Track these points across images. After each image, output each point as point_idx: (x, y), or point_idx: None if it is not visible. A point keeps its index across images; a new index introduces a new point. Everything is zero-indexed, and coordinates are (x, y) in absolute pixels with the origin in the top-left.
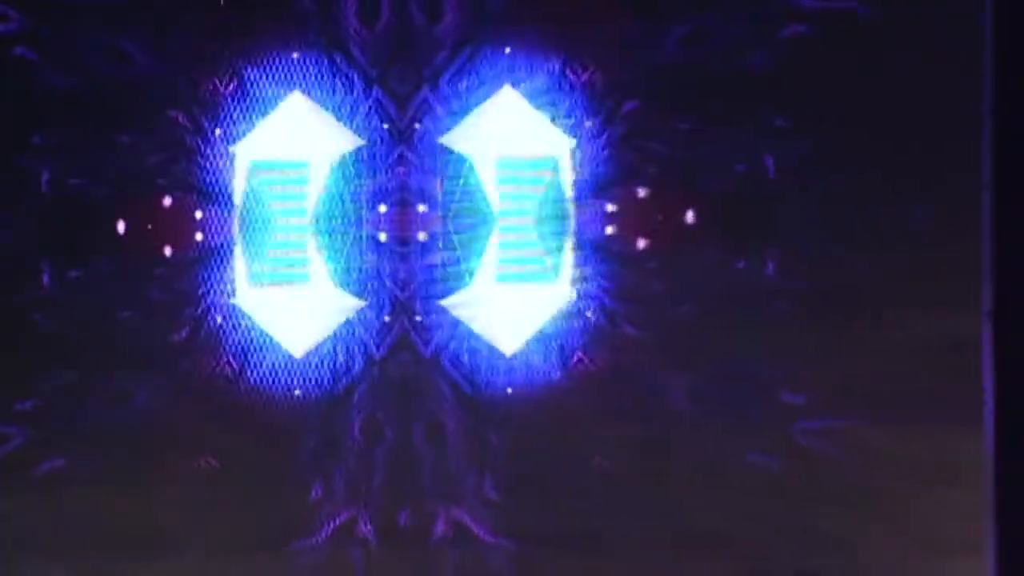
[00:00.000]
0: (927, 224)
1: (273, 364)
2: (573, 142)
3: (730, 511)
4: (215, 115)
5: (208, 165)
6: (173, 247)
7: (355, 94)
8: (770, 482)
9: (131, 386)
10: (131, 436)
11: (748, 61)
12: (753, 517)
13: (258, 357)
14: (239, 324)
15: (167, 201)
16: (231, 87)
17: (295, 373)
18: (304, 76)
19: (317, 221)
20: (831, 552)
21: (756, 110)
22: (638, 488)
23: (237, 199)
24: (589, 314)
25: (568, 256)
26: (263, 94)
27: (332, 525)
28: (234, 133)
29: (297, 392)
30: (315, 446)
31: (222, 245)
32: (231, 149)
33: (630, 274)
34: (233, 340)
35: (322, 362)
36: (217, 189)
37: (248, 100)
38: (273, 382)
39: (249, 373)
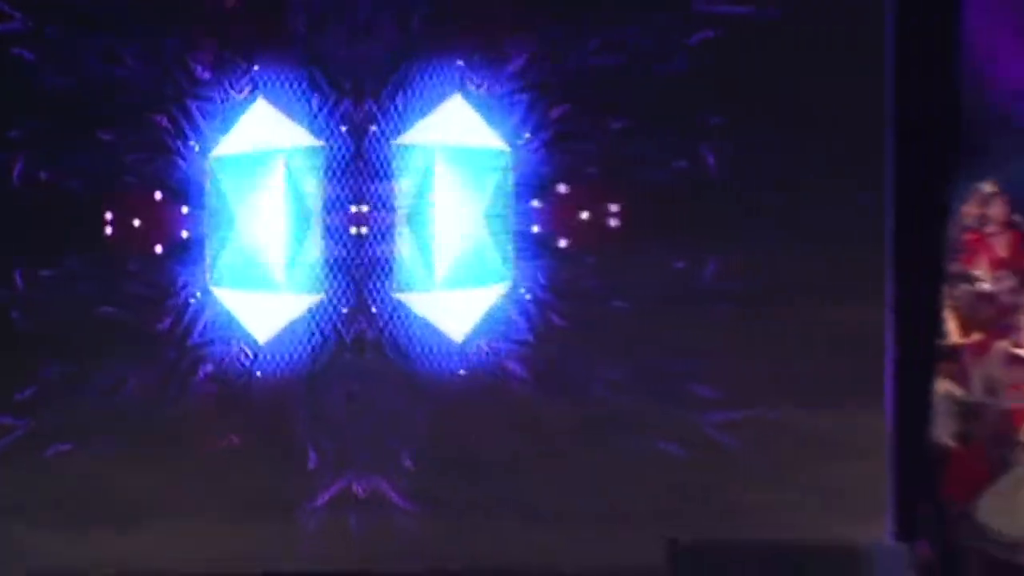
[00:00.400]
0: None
1: (240, 349)
2: (513, 146)
3: (645, 488)
4: (189, 120)
5: (181, 165)
6: (152, 242)
7: (316, 100)
8: (685, 461)
9: (121, 373)
10: (118, 417)
11: (663, 66)
12: (668, 491)
13: (227, 343)
14: (211, 313)
15: (148, 198)
16: (202, 94)
17: (260, 357)
18: (268, 84)
19: (281, 218)
20: (745, 518)
21: (675, 113)
22: (564, 465)
23: (208, 198)
24: (527, 306)
25: (511, 251)
26: (232, 100)
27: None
28: (205, 137)
29: (259, 373)
30: (281, 421)
31: (196, 240)
32: (203, 153)
33: (565, 268)
34: (206, 328)
35: (285, 347)
36: (189, 188)
37: (218, 106)
38: (240, 365)
39: (219, 358)
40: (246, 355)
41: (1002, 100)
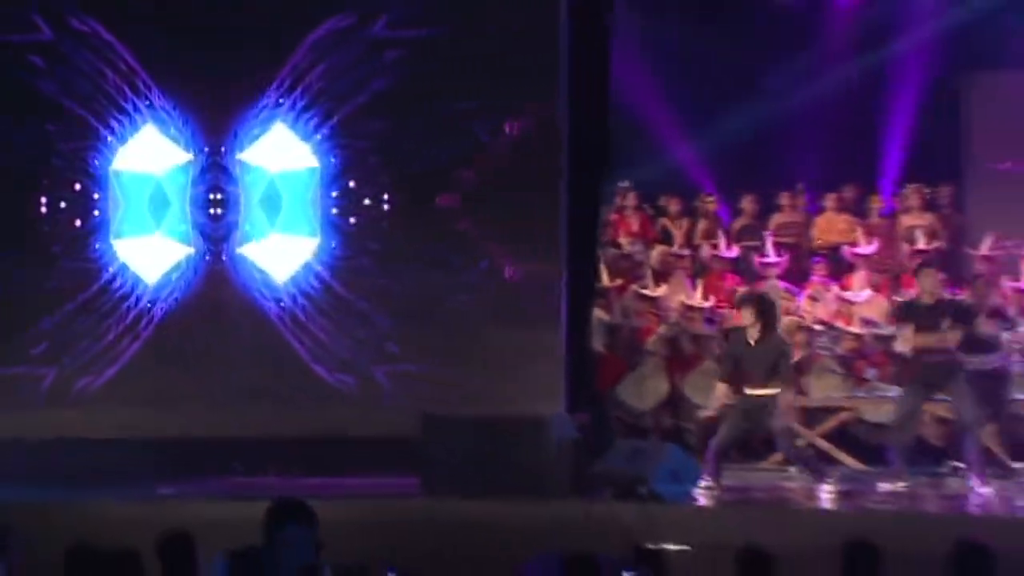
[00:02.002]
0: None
1: (139, 288)
2: (319, 157)
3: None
4: (103, 136)
5: (95, 167)
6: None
7: (186, 126)
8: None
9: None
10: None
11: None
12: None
13: (130, 284)
14: (115, 265)
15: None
16: (113, 119)
17: (152, 292)
18: (155, 115)
19: (164, 201)
20: (475, 403)
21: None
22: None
23: (111, 189)
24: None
25: (316, 228)
26: (132, 125)
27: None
28: (113, 148)
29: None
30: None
31: (104, 219)
32: (112, 163)
33: (349, 242)
34: (113, 274)
35: (169, 278)
36: (100, 182)
37: (121, 128)
38: (139, 300)
39: (127, 295)
40: (142, 291)
41: (635, 122)
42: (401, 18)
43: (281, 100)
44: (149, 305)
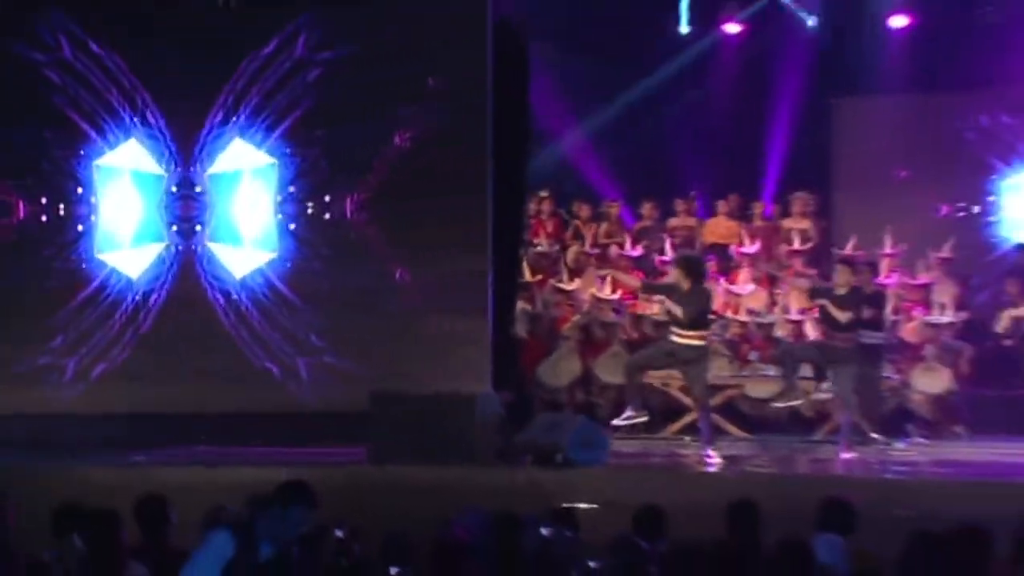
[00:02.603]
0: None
1: (122, 281)
2: (270, 168)
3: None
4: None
5: (82, 174)
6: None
7: (162, 143)
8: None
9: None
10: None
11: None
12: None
13: (114, 279)
14: (100, 261)
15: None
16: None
17: (134, 285)
18: (137, 130)
19: (144, 207)
20: (417, 381)
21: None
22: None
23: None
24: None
25: (269, 232)
26: (116, 139)
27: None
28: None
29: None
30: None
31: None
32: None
33: (301, 244)
34: (100, 271)
35: (147, 274)
36: (87, 189)
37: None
38: (125, 289)
39: (111, 287)
40: (125, 283)
41: (551, 140)
42: (366, 52)
43: (236, 119)
44: (127, 299)
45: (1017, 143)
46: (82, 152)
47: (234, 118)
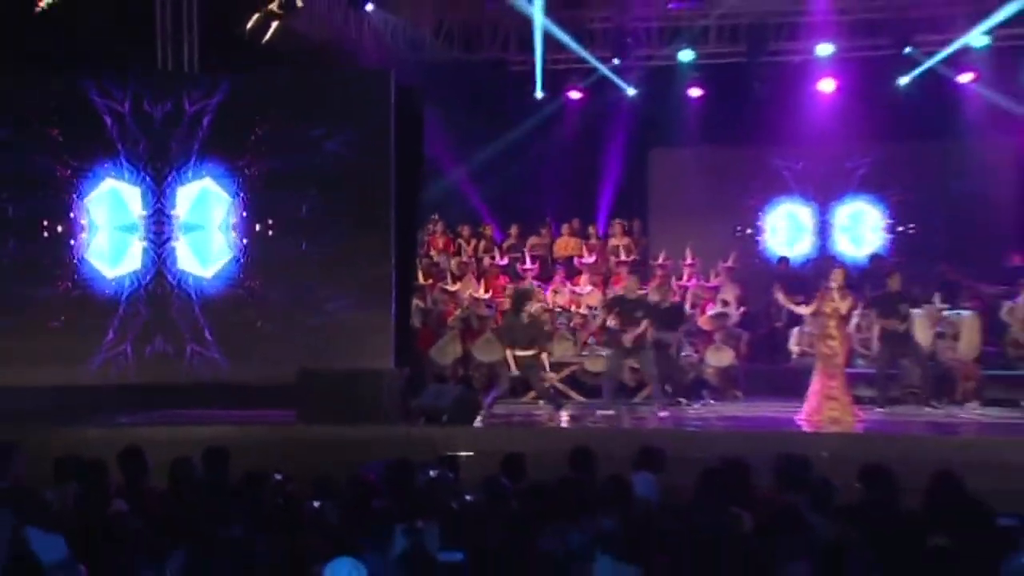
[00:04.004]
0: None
1: (104, 281)
2: (230, 196)
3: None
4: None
5: (75, 197)
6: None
7: (138, 170)
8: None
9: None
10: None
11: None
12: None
13: (98, 280)
14: (87, 265)
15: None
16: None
17: (114, 285)
18: (115, 168)
19: (125, 224)
20: (330, 359)
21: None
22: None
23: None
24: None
25: (226, 243)
26: (100, 173)
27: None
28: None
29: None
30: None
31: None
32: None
33: (251, 258)
34: (86, 273)
35: (125, 281)
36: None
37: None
38: (106, 290)
39: (97, 286)
40: (106, 284)
41: (440, 177)
42: (304, 110)
43: (206, 160)
44: (113, 295)
45: (780, 182)
46: (77, 184)
47: (199, 159)
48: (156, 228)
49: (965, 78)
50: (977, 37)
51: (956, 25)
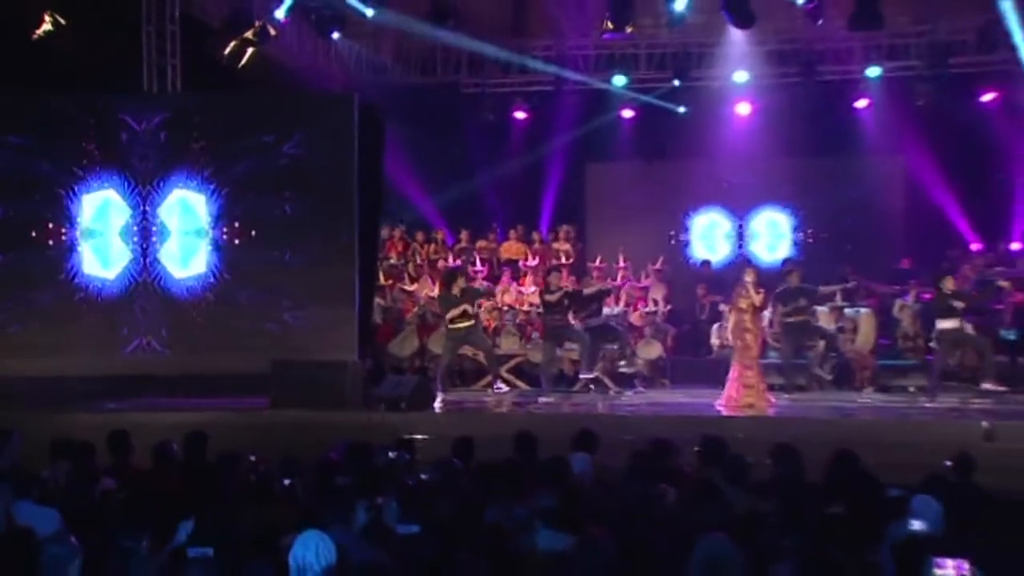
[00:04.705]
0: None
1: (98, 283)
2: (207, 207)
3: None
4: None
5: (73, 203)
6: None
7: (127, 190)
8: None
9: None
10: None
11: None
12: (274, 346)
13: (95, 282)
14: (83, 270)
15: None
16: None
17: (109, 285)
18: (110, 179)
19: (116, 230)
20: (299, 352)
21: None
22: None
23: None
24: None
25: (204, 248)
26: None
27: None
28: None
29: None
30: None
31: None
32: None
33: (227, 262)
34: (84, 277)
35: (118, 280)
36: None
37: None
38: (104, 289)
39: (93, 286)
40: (100, 284)
41: (400, 188)
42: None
43: (189, 174)
44: (103, 293)
45: (703, 193)
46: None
47: (183, 175)
48: (142, 233)
49: (861, 103)
50: (871, 68)
51: (854, 58)
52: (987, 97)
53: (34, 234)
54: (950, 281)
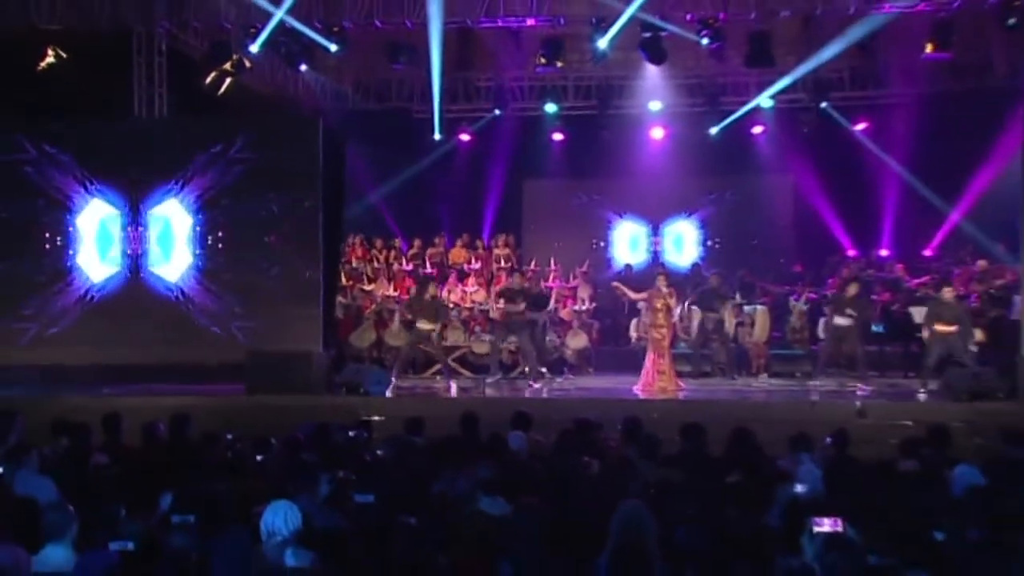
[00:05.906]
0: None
1: (88, 280)
2: (192, 216)
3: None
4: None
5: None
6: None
7: (117, 201)
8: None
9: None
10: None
11: None
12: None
13: (95, 282)
14: (81, 268)
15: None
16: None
17: (99, 285)
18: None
19: (108, 237)
20: (269, 343)
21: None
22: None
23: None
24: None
25: (188, 254)
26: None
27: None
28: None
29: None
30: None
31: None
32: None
33: (209, 258)
34: (82, 275)
35: (109, 281)
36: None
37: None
38: (103, 289)
39: (88, 281)
40: (91, 283)
41: (359, 200)
42: (244, 146)
43: (175, 187)
44: (99, 293)
45: (623, 206)
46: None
47: (174, 187)
48: (132, 239)
49: (757, 130)
50: (765, 100)
51: (750, 91)
52: (860, 126)
53: (35, 237)
54: (949, 291)
